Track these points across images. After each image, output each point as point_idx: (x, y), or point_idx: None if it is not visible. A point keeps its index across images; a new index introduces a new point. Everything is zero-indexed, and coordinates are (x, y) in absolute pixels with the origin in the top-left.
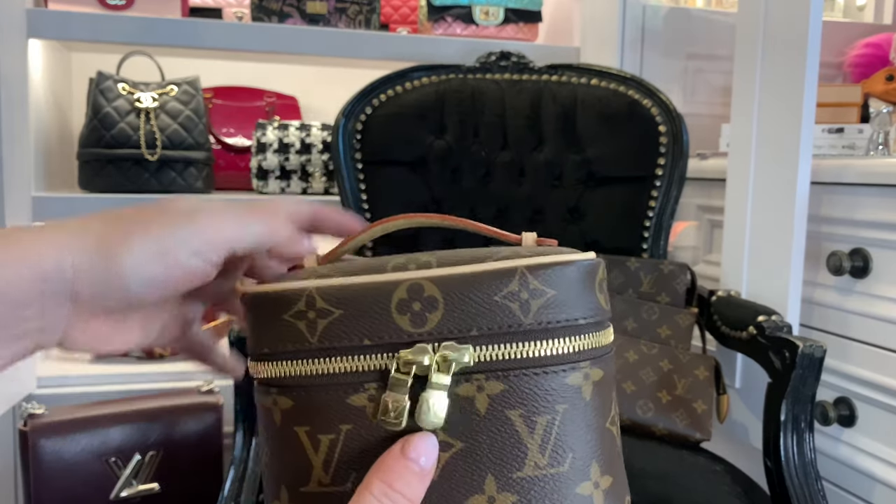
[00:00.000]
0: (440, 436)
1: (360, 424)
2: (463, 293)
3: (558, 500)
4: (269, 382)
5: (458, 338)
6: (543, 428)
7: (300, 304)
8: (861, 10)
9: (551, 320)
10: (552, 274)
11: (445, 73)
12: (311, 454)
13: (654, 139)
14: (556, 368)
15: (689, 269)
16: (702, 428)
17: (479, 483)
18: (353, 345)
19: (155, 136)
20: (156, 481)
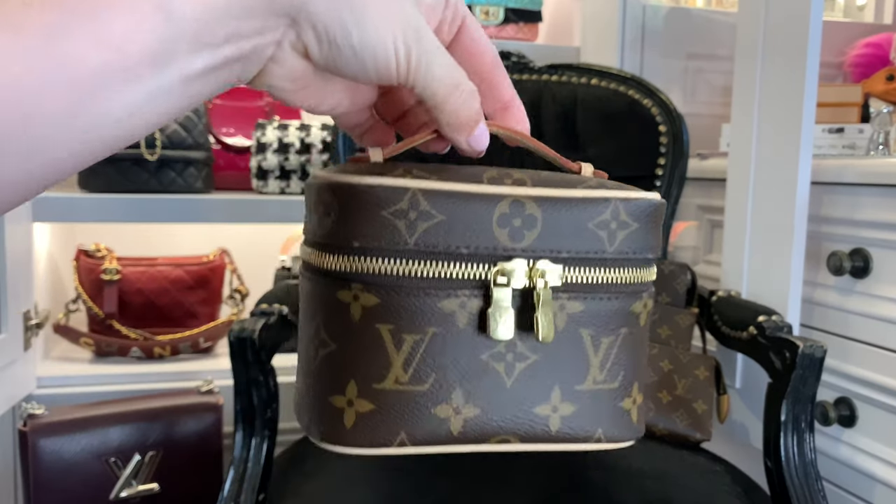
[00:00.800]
0: (518, 347)
1: (447, 329)
2: (561, 214)
3: (606, 412)
4: (352, 277)
5: (551, 257)
6: (606, 347)
7: (403, 202)
8: (861, 10)
9: (629, 251)
10: (638, 207)
11: None
12: (392, 352)
13: (654, 139)
14: (625, 295)
15: (689, 269)
16: (702, 428)
17: (547, 393)
18: (450, 251)
19: (154, 135)
20: (156, 481)
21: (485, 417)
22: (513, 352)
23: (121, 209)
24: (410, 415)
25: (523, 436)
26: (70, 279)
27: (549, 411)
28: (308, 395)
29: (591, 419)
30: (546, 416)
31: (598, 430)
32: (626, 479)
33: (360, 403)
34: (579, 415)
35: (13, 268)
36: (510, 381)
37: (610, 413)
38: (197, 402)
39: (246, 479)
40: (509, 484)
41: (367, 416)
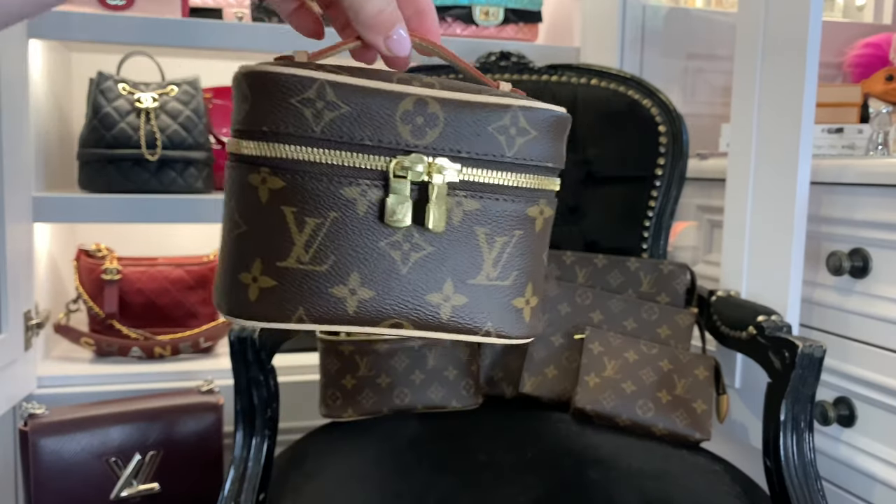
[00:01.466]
0: (415, 237)
1: (346, 214)
2: (462, 117)
3: (497, 307)
4: (261, 161)
5: (450, 156)
6: (500, 246)
7: (310, 91)
8: (861, 10)
9: (527, 157)
10: (538, 116)
11: (445, 74)
12: (295, 233)
13: (654, 139)
14: (521, 199)
15: (688, 269)
16: (702, 428)
17: (440, 283)
18: (353, 141)
19: (155, 136)
20: (156, 481)
21: (379, 300)
22: (409, 241)
23: (121, 209)
24: (309, 292)
25: (415, 321)
26: (70, 279)
27: (441, 300)
28: (222, 274)
29: (482, 312)
30: (437, 304)
31: (487, 322)
32: (626, 478)
33: (264, 280)
34: (470, 306)
35: (14, 268)
36: (405, 268)
37: (501, 309)
38: (197, 402)
39: (246, 479)
40: (509, 483)
41: (269, 292)
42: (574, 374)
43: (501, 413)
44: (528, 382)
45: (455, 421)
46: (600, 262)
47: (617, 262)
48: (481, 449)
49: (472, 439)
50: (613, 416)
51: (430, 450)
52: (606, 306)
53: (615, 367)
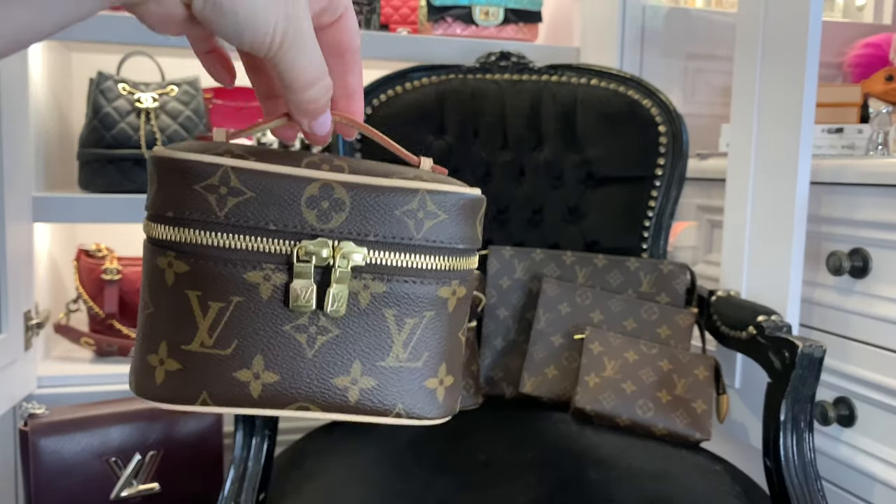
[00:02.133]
0: (321, 321)
1: (250, 299)
2: (369, 201)
3: (409, 389)
4: (168, 245)
5: (357, 239)
6: (410, 328)
7: (214, 178)
8: (861, 10)
9: (437, 239)
10: (446, 200)
11: (445, 74)
12: (199, 317)
13: (654, 139)
14: (432, 281)
15: (688, 269)
16: (701, 428)
17: (348, 366)
18: (258, 226)
19: (155, 136)
20: (156, 481)
21: (284, 384)
22: (315, 325)
23: (121, 209)
24: (213, 376)
25: (321, 404)
26: (70, 279)
27: (349, 383)
28: (134, 351)
29: (392, 394)
30: (345, 387)
31: (398, 404)
32: (626, 478)
33: (169, 363)
34: (380, 389)
35: (14, 268)
36: (311, 351)
37: (413, 390)
38: None
39: (246, 479)
40: (509, 483)
41: (175, 375)
42: (574, 374)
43: (501, 413)
44: (528, 382)
45: (455, 421)
46: (600, 262)
47: (617, 262)
48: (481, 449)
49: (472, 439)
50: (613, 416)
51: (430, 450)
52: (606, 306)
53: (615, 367)
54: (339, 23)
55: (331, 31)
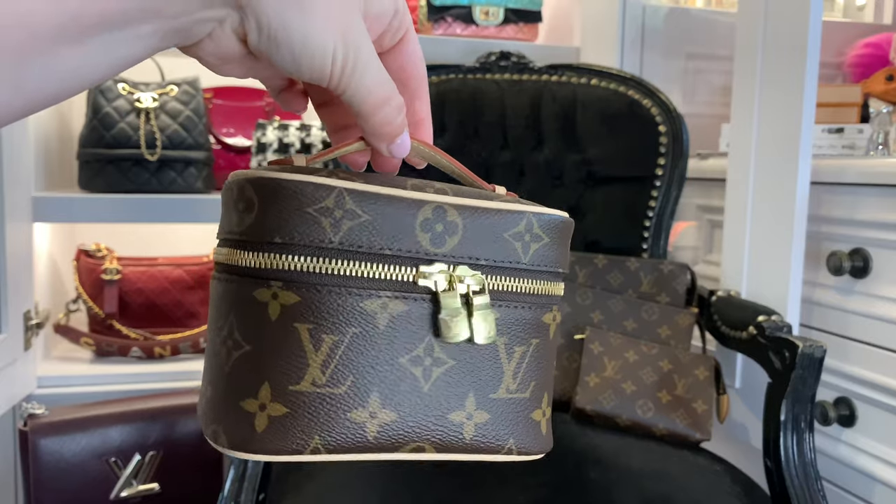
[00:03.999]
0: (436, 351)
1: (367, 329)
2: (480, 223)
3: (518, 422)
4: (271, 275)
5: (470, 263)
6: (518, 357)
7: (329, 200)
8: (861, 10)
9: (541, 263)
10: (550, 222)
11: (445, 73)
12: (311, 353)
13: (654, 139)
14: (537, 306)
15: (689, 269)
16: (702, 428)
17: (462, 400)
18: (372, 251)
19: (155, 136)
20: (156, 481)
21: (401, 423)
22: (430, 356)
23: (121, 209)
24: (325, 419)
25: (437, 444)
26: (70, 279)
27: (464, 418)
28: (217, 401)
29: (503, 429)
30: (461, 423)
31: (509, 440)
32: (626, 478)
33: (273, 407)
34: (492, 424)
35: (13, 268)
36: (427, 385)
37: (521, 423)
38: (197, 403)
39: (246, 479)
40: (509, 483)
41: (280, 421)
42: (574, 374)
43: None
44: None
45: None
46: (600, 262)
47: (617, 262)
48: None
49: None
50: (613, 416)
51: None
52: (606, 306)
53: (615, 367)
54: (402, 46)
55: (394, 56)
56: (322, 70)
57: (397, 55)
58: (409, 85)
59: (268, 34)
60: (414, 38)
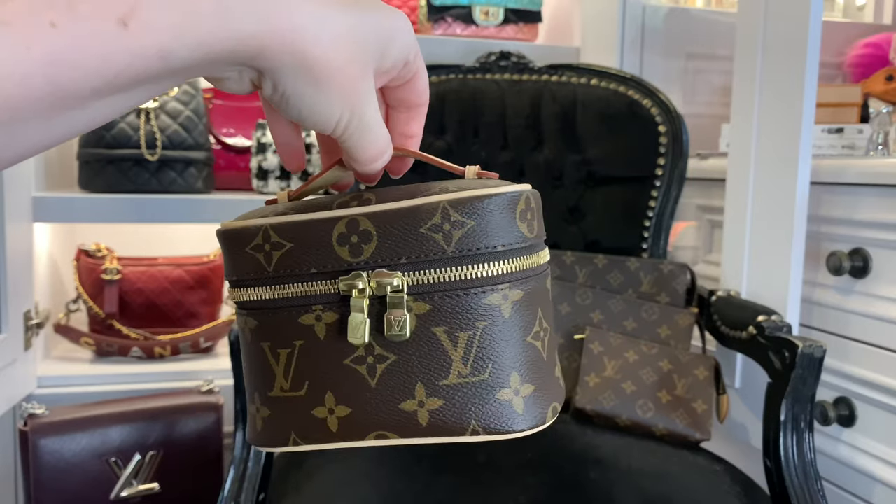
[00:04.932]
0: (376, 350)
1: (309, 340)
2: (393, 227)
3: (479, 403)
4: (241, 305)
5: (389, 265)
6: (465, 342)
7: (258, 238)
8: (861, 10)
9: (471, 248)
10: (470, 206)
11: (445, 74)
12: (274, 365)
13: (654, 139)
14: (475, 290)
15: (689, 269)
16: (702, 428)
17: (411, 390)
18: (302, 272)
19: (155, 136)
20: (156, 481)
21: (357, 416)
22: (372, 354)
23: (121, 209)
24: (295, 417)
25: (397, 430)
26: (70, 279)
27: (416, 406)
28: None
29: (461, 412)
30: (413, 411)
31: (471, 421)
32: (626, 478)
33: (263, 410)
34: (448, 408)
35: (14, 268)
36: (374, 381)
37: (484, 405)
38: (197, 402)
39: (246, 479)
40: (509, 483)
41: (268, 420)
42: (574, 374)
43: None
44: None
45: None
46: (600, 262)
47: (617, 262)
48: (481, 449)
49: None
50: (613, 416)
51: (430, 450)
52: (606, 306)
53: (615, 367)
54: (408, 85)
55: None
56: (325, 129)
57: (404, 89)
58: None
59: (281, 95)
60: (423, 75)
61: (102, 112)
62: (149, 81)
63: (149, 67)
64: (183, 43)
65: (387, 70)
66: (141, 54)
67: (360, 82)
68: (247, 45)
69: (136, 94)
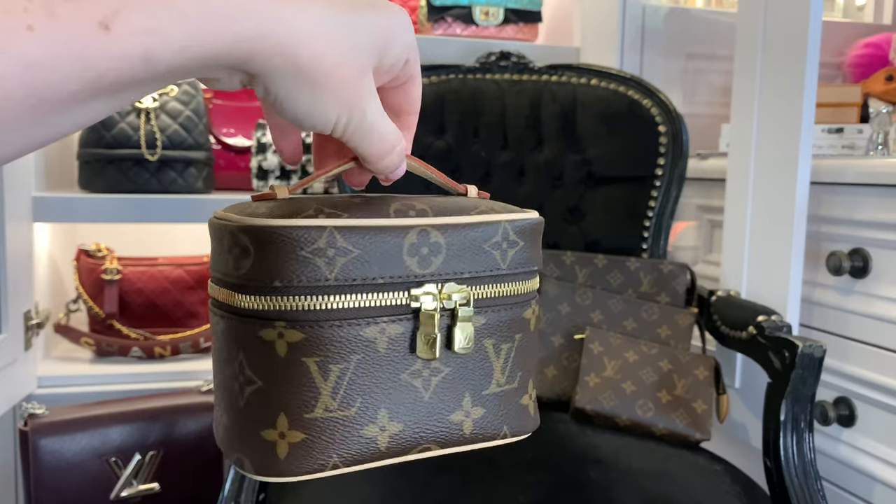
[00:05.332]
0: (433, 363)
1: (369, 354)
2: (460, 240)
3: (511, 410)
4: (275, 315)
5: (456, 279)
6: (505, 353)
7: (321, 241)
8: (861, 10)
9: (518, 265)
10: (523, 227)
11: (445, 74)
12: (320, 382)
13: (654, 139)
14: (518, 305)
15: (688, 269)
16: (701, 428)
17: (459, 401)
18: (367, 282)
19: (155, 136)
20: (156, 481)
21: (408, 431)
22: (428, 367)
23: (121, 209)
24: (341, 439)
25: (442, 442)
26: (70, 279)
27: (462, 417)
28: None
29: (497, 419)
30: (460, 421)
31: (504, 427)
32: (626, 478)
33: (292, 435)
34: (487, 416)
35: (14, 268)
36: (427, 394)
37: (513, 411)
38: (197, 402)
39: (246, 479)
40: (509, 483)
41: (300, 446)
42: (574, 374)
43: None
44: None
45: None
46: (600, 262)
47: (617, 262)
48: (481, 449)
49: None
50: (613, 416)
51: None
52: (606, 306)
53: (615, 367)
54: (405, 87)
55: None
56: (323, 130)
57: (398, 93)
58: (400, 117)
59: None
60: (418, 80)
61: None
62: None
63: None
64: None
65: (388, 69)
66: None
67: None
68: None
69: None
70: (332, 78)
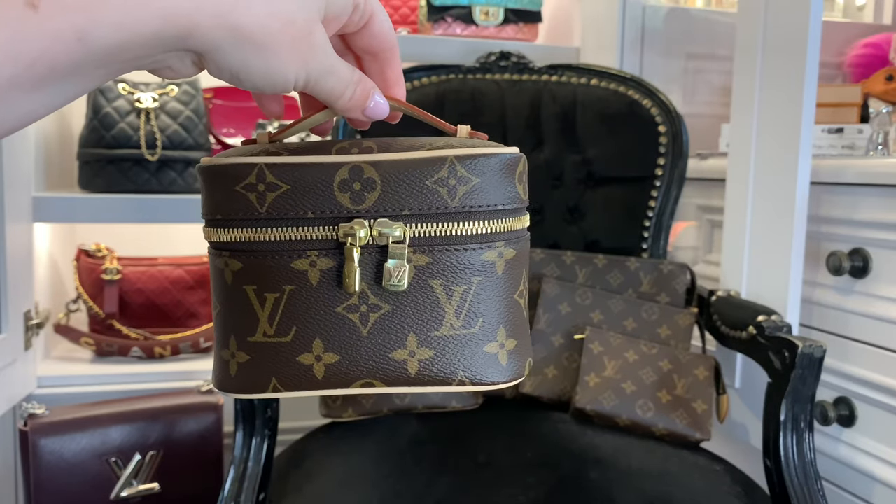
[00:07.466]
0: (371, 299)
1: (300, 286)
2: (398, 177)
3: (468, 355)
4: (222, 246)
5: (392, 216)
6: (460, 296)
7: (251, 177)
8: (861, 10)
9: (473, 204)
10: (477, 163)
11: (445, 74)
12: (258, 309)
13: (654, 139)
14: (475, 246)
15: (688, 269)
16: (701, 428)
17: (403, 339)
18: (297, 216)
19: (155, 136)
20: (156, 481)
21: (345, 363)
22: (365, 303)
23: (121, 209)
24: (278, 363)
25: (384, 379)
26: (70, 279)
27: (406, 356)
28: (214, 350)
29: (451, 363)
30: (403, 360)
31: (459, 372)
32: (626, 478)
33: (240, 355)
34: (439, 358)
35: (14, 268)
36: (366, 329)
37: (472, 357)
38: (197, 402)
39: (246, 479)
40: (509, 482)
41: (245, 366)
42: (574, 374)
43: (501, 413)
44: (528, 382)
45: (455, 421)
46: (600, 261)
47: (617, 262)
48: (481, 449)
49: (472, 439)
50: (613, 416)
51: (430, 450)
52: (606, 306)
53: (615, 367)
54: (367, 28)
55: (360, 36)
56: (285, 90)
57: (363, 35)
58: (378, 56)
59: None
60: (380, 17)
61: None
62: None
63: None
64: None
65: (336, 16)
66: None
67: (307, 37)
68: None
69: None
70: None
